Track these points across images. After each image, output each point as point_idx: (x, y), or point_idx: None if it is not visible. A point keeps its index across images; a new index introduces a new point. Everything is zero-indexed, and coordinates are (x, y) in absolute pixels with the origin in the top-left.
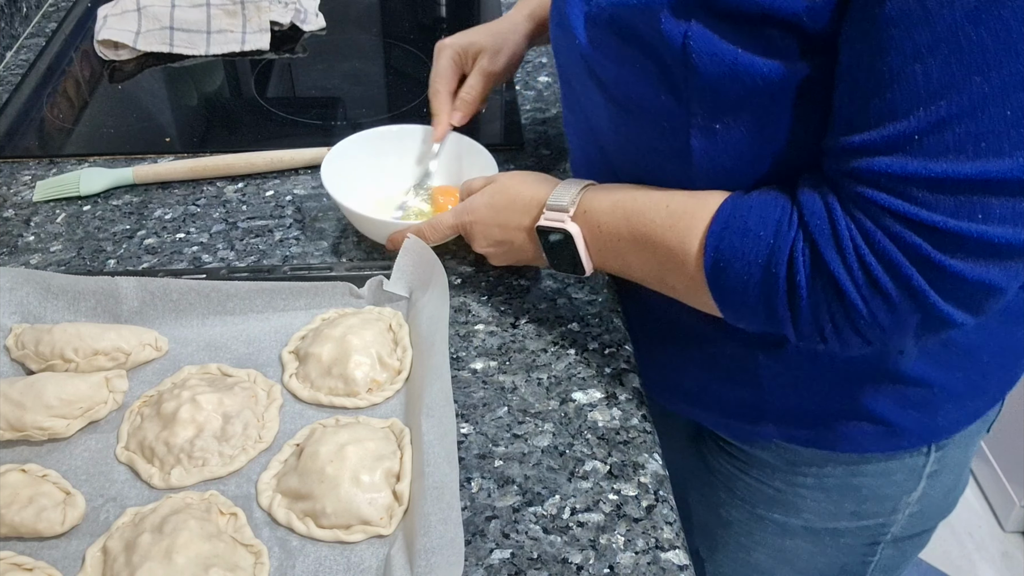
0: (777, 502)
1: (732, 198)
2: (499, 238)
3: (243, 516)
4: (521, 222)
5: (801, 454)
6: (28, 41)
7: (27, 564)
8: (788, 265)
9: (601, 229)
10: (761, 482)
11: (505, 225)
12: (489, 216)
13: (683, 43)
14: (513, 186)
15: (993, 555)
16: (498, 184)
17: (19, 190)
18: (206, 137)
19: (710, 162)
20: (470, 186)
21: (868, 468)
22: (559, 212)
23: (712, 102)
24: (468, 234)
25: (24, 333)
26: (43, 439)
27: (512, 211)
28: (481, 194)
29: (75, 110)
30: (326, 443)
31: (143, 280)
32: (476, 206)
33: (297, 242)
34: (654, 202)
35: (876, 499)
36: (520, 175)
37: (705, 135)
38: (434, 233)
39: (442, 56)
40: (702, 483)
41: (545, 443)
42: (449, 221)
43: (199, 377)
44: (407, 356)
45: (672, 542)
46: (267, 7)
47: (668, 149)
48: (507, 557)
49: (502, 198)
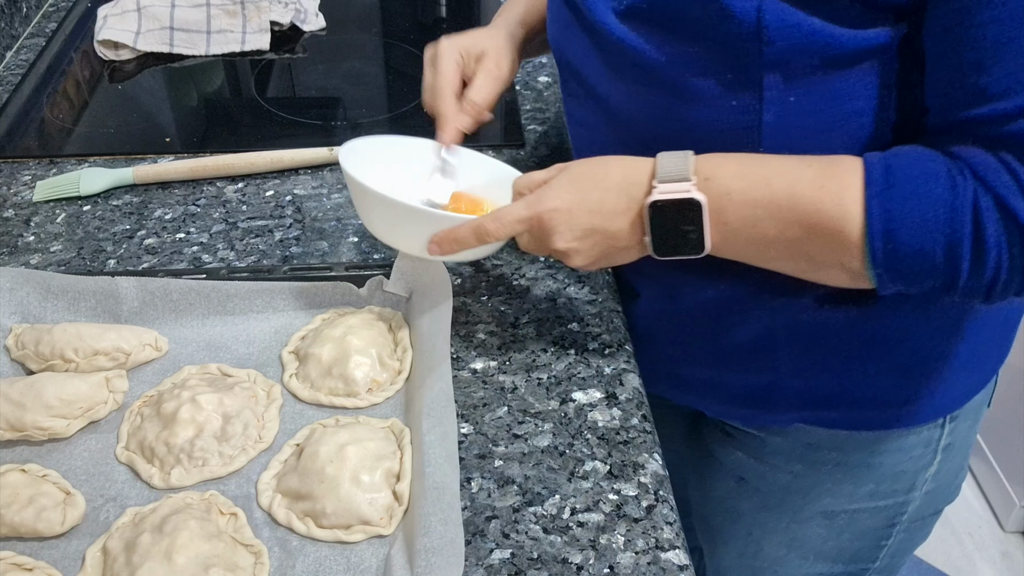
0: (793, 488)
1: (876, 157)
2: (590, 226)
3: (243, 516)
4: (618, 204)
5: (820, 436)
6: (28, 41)
7: (27, 564)
8: (974, 221)
9: (732, 196)
10: (777, 468)
11: (597, 209)
12: (575, 201)
13: (757, 18)
14: (597, 167)
15: (993, 555)
16: (575, 169)
17: (19, 190)
18: (206, 137)
19: (782, 136)
20: (531, 179)
21: (887, 445)
22: (678, 183)
23: (786, 74)
24: (546, 227)
25: (24, 333)
26: (43, 439)
27: (605, 191)
28: (556, 181)
29: (75, 110)
30: (326, 443)
31: (143, 280)
32: (555, 192)
33: (297, 242)
34: (790, 163)
35: (895, 476)
36: (591, 159)
37: (779, 109)
38: (499, 228)
39: (444, 57)
40: (706, 475)
41: (545, 443)
42: (520, 212)
43: (199, 377)
44: (407, 356)
45: (672, 542)
46: (267, 7)
47: (733, 129)
48: (507, 557)
49: (588, 181)
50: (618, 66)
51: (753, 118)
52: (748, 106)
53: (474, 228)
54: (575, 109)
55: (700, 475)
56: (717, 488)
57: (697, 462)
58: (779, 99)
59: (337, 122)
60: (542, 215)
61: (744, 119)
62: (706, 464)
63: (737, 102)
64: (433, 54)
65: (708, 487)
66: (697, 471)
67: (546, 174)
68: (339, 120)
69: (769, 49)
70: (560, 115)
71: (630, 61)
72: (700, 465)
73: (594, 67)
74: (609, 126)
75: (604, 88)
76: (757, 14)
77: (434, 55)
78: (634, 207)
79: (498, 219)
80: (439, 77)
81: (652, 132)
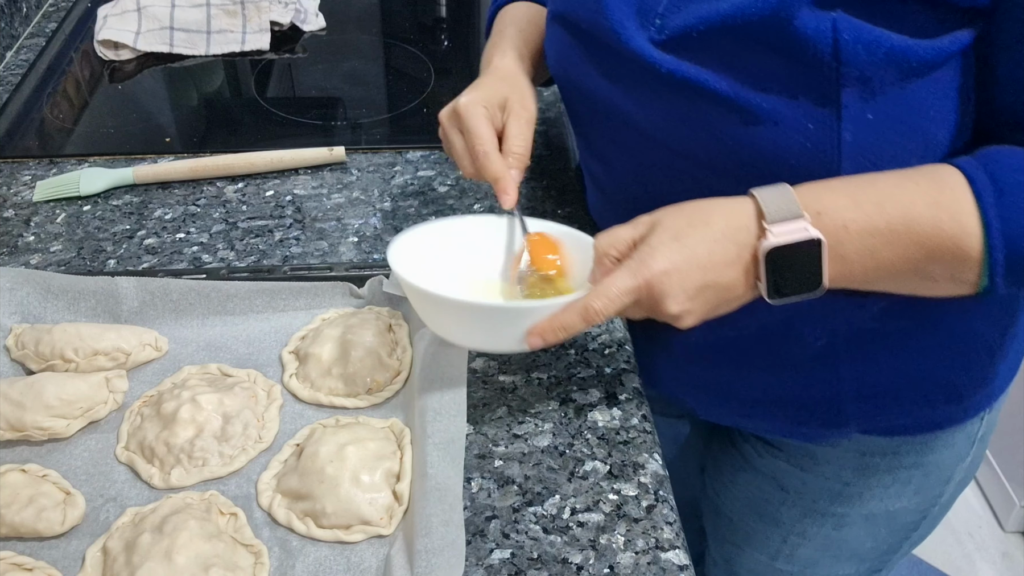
0: (842, 495)
1: (972, 165)
2: (702, 282)
3: (243, 516)
4: (727, 253)
5: (875, 443)
6: (28, 41)
7: (27, 564)
8: None
9: (848, 228)
10: (825, 478)
11: (708, 264)
12: (683, 258)
13: (833, 36)
14: (695, 216)
15: (993, 555)
16: (670, 221)
17: (19, 190)
18: (206, 137)
19: (861, 154)
20: (616, 239)
21: (938, 442)
22: (792, 221)
23: (865, 91)
24: (656, 292)
25: (24, 333)
26: (43, 439)
27: (713, 242)
28: (656, 239)
29: (75, 110)
30: (326, 443)
31: (143, 280)
32: (660, 252)
33: (297, 242)
34: (896, 183)
35: (937, 471)
36: (681, 208)
37: (857, 126)
38: (608, 304)
39: (471, 116)
40: (739, 481)
41: (545, 443)
42: (626, 283)
43: (199, 377)
44: (407, 356)
45: (672, 542)
46: (267, 7)
47: (810, 151)
48: (507, 557)
49: (691, 233)
50: (659, 92)
51: (831, 138)
52: (826, 127)
53: (580, 311)
54: (591, 132)
55: (732, 480)
56: (752, 494)
57: (727, 465)
58: (858, 116)
59: (337, 122)
60: (651, 281)
61: (822, 140)
62: (739, 468)
63: (813, 124)
64: (452, 116)
65: (739, 492)
66: (728, 475)
67: (633, 231)
68: (339, 120)
69: (847, 68)
70: (560, 117)
71: (677, 88)
72: (731, 468)
73: (622, 93)
74: (646, 149)
75: (637, 112)
76: (833, 34)
77: (454, 117)
78: (745, 254)
79: (603, 295)
80: (475, 139)
81: (707, 155)
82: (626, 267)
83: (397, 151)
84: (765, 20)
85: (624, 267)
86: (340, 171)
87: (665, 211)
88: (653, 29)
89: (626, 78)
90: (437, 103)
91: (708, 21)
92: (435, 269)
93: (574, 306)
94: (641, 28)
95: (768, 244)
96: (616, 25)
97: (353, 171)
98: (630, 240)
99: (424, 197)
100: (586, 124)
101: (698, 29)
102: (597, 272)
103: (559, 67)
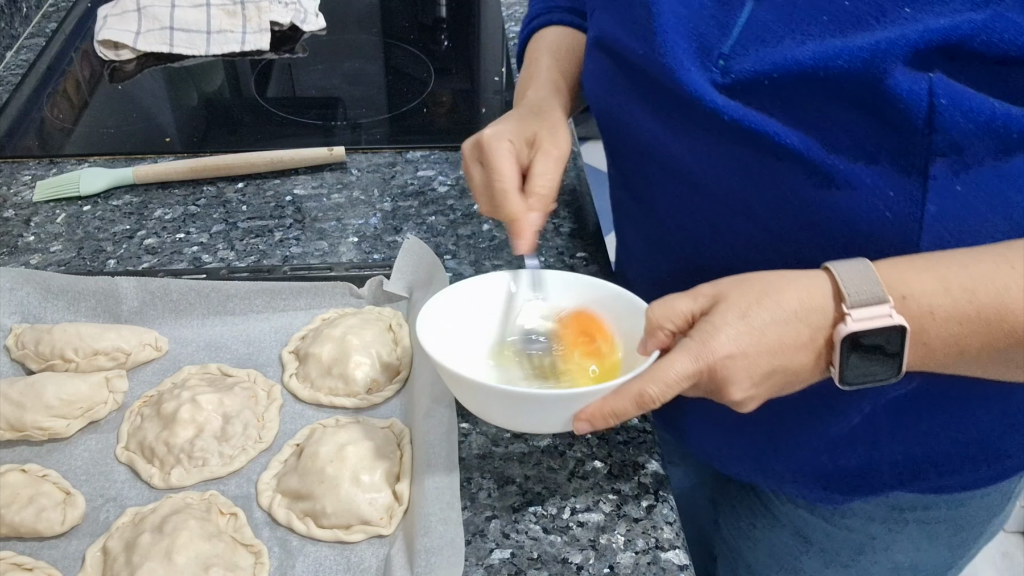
0: (867, 549)
1: None
2: (770, 368)
3: (243, 516)
4: (799, 337)
5: (907, 499)
6: (28, 41)
7: (27, 564)
8: None
9: (935, 315)
10: (851, 531)
11: (778, 348)
12: (752, 343)
13: (929, 100)
14: (766, 294)
15: (993, 555)
16: (737, 299)
17: (19, 190)
18: (206, 137)
19: (944, 227)
20: (673, 310)
21: (973, 499)
22: (875, 306)
23: (957, 162)
24: (720, 378)
25: (24, 333)
26: (43, 439)
27: (784, 324)
28: (722, 318)
29: (75, 110)
30: (326, 443)
31: (143, 280)
32: (726, 335)
33: (297, 242)
34: (990, 265)
35: (969, 526)
36: (749, 282)
37: (944, 198)
38: (665, 391)
39: (494, 151)
40: (758, 525)
41: (545, 443)
42: (686, 367)
43: (199, 377)
44: (407, 356)
45: (672, 542)
46: (267, 7)
47: (888, 220)
48: (507, 557)
49: (761, 313)
50: (719, 141)
51: (914, 209)
52: (909, 196)
53: (635, 398)
54: (631, 171)
55: (751, 524)
56: (771, 542)
57: (745, 509)
58: (946, 188)
59: (337, 122)
60: (714, 366)
61: (903, 210)
62: (758, 513)
63: (895, 192)
64: (475, 149)
65: (758, 536)
66: (746, 519)
67: (692, 303)
68: (339, 120)
69: (940, 136)
70: None
71: (740, 138)
72: (749, 513)
73: (673, 136)
74: (696, 199)
75: (689, 159)
76: (929, 98)
77: (477, 150)
78: (819, 337)
79: (660, 380)
80: (495, 176)
81: (768, 215)
82: (686, 348)
83: (397, 151)
84: (853, 75)
85: (684, 348)
86: (340, 171)
87: (729, 283)
88: (716, 71)
89: (680, 121)
90: (437, 103)
91: (784, 68)
92: (464, 338)
93: (627, 391)
94: (702, 68)
95: (846, 330)
96: (672, 62)
97: (353, 171)
98: (689, 314)
99: (424, 197)
100: (626, 162)
101: (771, 76)
102: (649, 343)
103: (599, 98)
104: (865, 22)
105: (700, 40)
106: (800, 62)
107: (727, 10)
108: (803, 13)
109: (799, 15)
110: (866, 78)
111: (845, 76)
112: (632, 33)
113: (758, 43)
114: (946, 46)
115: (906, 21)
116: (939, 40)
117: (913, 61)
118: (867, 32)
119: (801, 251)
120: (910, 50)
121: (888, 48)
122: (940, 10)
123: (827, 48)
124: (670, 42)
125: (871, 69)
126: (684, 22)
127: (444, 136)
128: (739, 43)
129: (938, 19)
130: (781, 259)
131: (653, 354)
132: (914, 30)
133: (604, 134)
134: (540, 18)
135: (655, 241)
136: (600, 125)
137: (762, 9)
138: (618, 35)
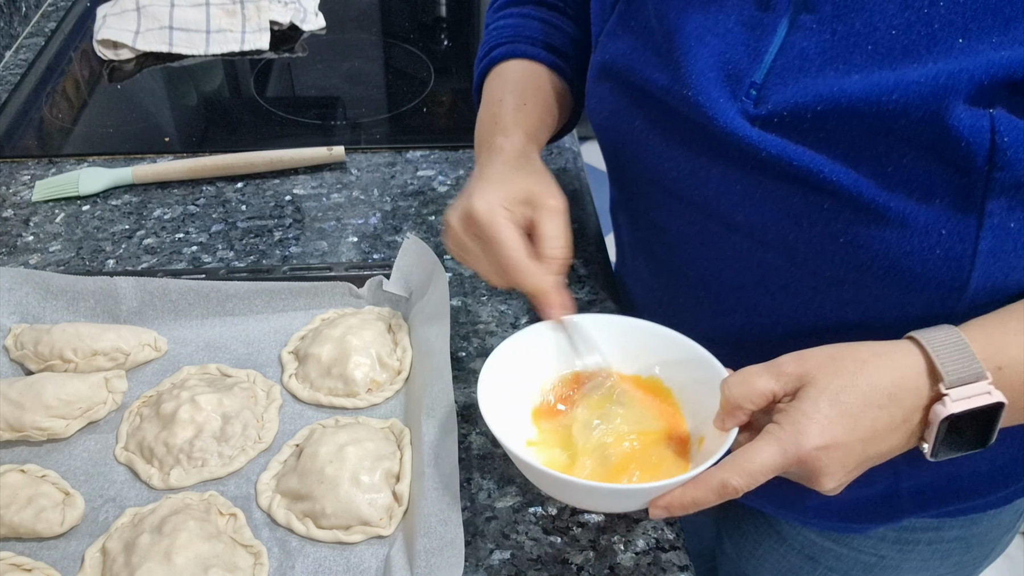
0: (878, 568)
1: None
2: (864, 456)
3: (242, 517)
4: (892, 420)
5: (919, 521)
6: (27, 41)
7: (26, 564)
8: None
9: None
10: (860, 552)
11: (871, 436)
12: (846, 431)
13: (991, 140)
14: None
15: None
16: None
17: (18, 190)
18: (205, 137)
19: (994, 265)
20: (753, 389)
21: (985, 521)
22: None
23: (1014, 200)
24: (811, 470)
25: (23, 333)
26: (42, 439)
27: (878, 409)
28: (812, 406)
29: (74, 110)
30: (326, 444)
31: (142, 280)
32: (818, 424)
33: (296, 242)
34: None
35: (980, 545)
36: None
37: (997, 236)
38: (750, 482)
39: (492, 222)
40: (763, 543)
41: None
42: (774, 460)
43: (198, 377)
44: (407, 356)
45: (672, 542)
46: (267, 7)
47: (939, 258)
48: (507, 558)
49: (853, 399)
50: (756, 177)
51: (967, 247)
52: (963, 234)
53: (717, 489)
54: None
55: (756, 543)
56: (778, 562)
57: (750, 528)
58: (1000, 225)
59: (337, 122)
60: (804, 459)
61: (955, 249)
62: (764, 533)
63: (948, 230)
64: (466, 222)
65: (764, 556)
66: (752, 538)
67: (774, 384)
68: (339, 120)
69: (1001, 174)
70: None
71: (780, 174)
72: (755, 532)
73: (699, 172)
74: (726, 237)
75: (718, 195)
76: (991, 136)
77: (469, 224)
78: (912, 418)
79: (745, 471)
80: (502, 249)
81: (810, 254)
82: (775, 438)
83: (397, 151)
84: (910, 110)
85: (772, 437)
86: (340, 171)
87: (817, 363)
88: (748, 101)
89: (708, 155)
90: (437, 103)
91: (830, 100)
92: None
93: (709, 481)
94: (731, 99)
95: (945, 412)
96: (699, 93)
97: (353, 171)
98: (770, 394)
99: (424, 197)
100: (640, 196)
101: (814, 109)
102: (727, 422)
103: (608, 129)
104: (916, 53)
105: (729, 68)
106: (849, 94)
107: (757, 36)
108: (844, 41)
109: (840, 43)
110: (924, 114)
111: (900, 111)
112: (651, 61)
113: (796, 72)
114: (1010, 81)
115: (962, 53)
116: (1003, 75)
117: (974, 96)
118: (919, 64)
119: (843, 290)
120: (973, 85)
121: (948, 83)
122: (1000, 41)
123: (878, 80)
124: (696, 71)
125: (930, 105)
126: (710, 49)
127: (444, 136)
128: (773, 72)
129: (999, 51)
130: (815, 296)
131: (732, 432)
132: (976, 64)
133: (611, 161)
134: (501, 48)
135: (668, 270)
136: (607, 154)
137: (797, 36)
138: (634, 63)
